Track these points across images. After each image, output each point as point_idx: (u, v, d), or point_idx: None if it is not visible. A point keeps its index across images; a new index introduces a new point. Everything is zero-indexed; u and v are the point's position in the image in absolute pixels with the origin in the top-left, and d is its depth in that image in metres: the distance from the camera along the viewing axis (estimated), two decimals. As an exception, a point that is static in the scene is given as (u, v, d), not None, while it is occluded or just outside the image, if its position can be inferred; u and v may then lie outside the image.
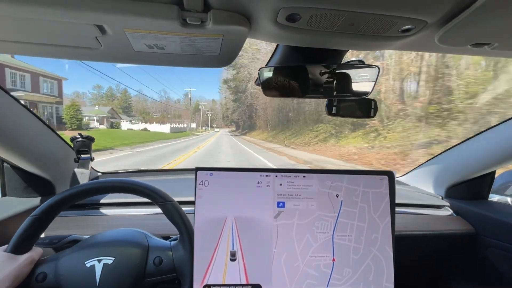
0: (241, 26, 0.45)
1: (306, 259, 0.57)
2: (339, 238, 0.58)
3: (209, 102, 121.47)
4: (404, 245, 0.84)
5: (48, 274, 0.50)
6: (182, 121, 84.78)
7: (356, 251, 0.58)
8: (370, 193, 0.60)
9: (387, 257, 0.58)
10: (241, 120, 50.94)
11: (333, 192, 0.59)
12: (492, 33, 0.46)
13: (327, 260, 0.57)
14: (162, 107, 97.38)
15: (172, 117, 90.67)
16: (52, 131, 0.82)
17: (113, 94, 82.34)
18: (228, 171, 0.58)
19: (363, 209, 0.59)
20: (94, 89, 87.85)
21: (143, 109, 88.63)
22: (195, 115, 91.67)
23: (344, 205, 0.59)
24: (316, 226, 0.58)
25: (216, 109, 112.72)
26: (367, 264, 0.57)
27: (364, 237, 0.58)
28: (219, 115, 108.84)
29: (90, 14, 0.40)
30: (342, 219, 0.58)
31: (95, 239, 0.56)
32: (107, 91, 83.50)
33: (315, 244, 0.57)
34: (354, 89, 0.68)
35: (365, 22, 0.45)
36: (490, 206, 0.95)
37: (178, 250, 0.55)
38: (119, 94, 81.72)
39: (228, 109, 58.78)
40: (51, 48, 0.54)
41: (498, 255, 0.86)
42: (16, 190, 0.81)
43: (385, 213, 0.59)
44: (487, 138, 0.88)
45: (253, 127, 41.69)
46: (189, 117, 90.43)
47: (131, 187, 0.55)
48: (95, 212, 0.87)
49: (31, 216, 0.50)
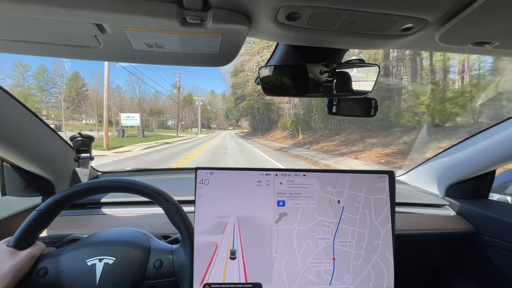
0: (241, 25, 0.45)
1: (306, 264, 0.56)
2: (340, 244, 0.58)
3: (206, 94, 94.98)
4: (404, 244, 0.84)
5: (49, 270, 0.50)
6: (166, 120, 70.10)
7: (356, 258, 0.57)
8: (371, 199, 0.59)
9: (387, 264, 0.58)
10: (259, 121, 39.89)
11: (335, 197, 0.59)
12: (493, 32, 0.46)
13: (328, 266, 0.57)
14: (139, 102, 66.58)
15: (152, 114, 65.54)
16: (52, 131, 0.82)
17: (50, 78, 46.55)
18: (228, 170, 0.58)
19: (364, 215, 0.59)
20: (14, 69, 46.62)
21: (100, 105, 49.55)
22: (184, 110, 73.50)
23: (346, 211, 0.59)
24: (317, 232, 0.58)
25: (216, 104, 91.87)
26: (368, 270, 0.57)
27: (365, 243, 0.58)
28: (219, 112, 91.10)
29: (90, 13, 0.40)
30: (343, 225, 0.58)
31: (97, 237, 0.56)
32: (37, 73, 46.07)
33: (316, 250, 0.57)
34: (354, 88, 0.68)
35: (365, 21, 0.45)
36: (490, 205, 0.95)
37: (179, 254, 0.55)
38: (63, 80, 46.94)
39: (237, 106, 43.16)
40: (50, 47, 0.53)
41: (498, 254, 0.86)
42: (16, 189, 0.81)
43: (386, 220, 0.59)
44: (487, 137, 0.88)
45: (265, 128, 34.37)
46: (176, 113, 66.99)
47: (137, 188, 0.55)
48: (95, 211, 0.87)
49: (37, 211, 0.50)
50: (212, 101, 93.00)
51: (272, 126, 32.82)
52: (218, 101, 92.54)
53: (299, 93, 0.68)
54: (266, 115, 33.79)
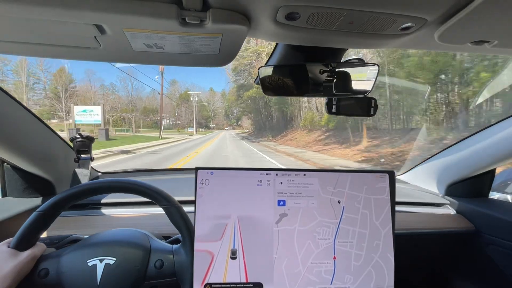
0: (240, 25, 0.45)
1: (307, 265, 0.56)
2: (341, 244, 0.58)
3: (204, 92, 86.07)
4: (405, 243, 0.84)
5: (50, 271, 0.51)
6: (155, 119, 61.27)
7: (357, 258, 0.58)
8: (372, 200, 0.59)
9: (388, 264, 0.58)
10: (266, 118, 31.63)
11: (335, 198, 0.59)
12: (492, 31, 0.46)
13: (329, 266, 0.57)
14: (130, 99, 60.72)
15: (142, 111, 63.05)
16: (52, 131, 0.82)
17: (31, 72, 40.67)
18: (228, 170, 0.58)
19: (365, 216, 0.59)
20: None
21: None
22: (180, 108, 70.81)
23: (346, 211, 0.59)
24: (317, 232, 0.58)
25: (215, 102, 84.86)
26: (369, 271, 0.57)
27: (365, 243, 0.58)
28: (219, 111, 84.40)
29: (89, 14, 0.40)
30: (344, 225, 0.58)
31: (98, 238, 0.56)
32: (17, 66, 39.36)
33: (317, 250, 0.57)
34: (354, 88, 0.68)
35: (364, 20, 0.45)
36: (490, 204, 0.95)
37: (179, 254, 0.55)
38: (47, 75, 41.33)
39: (241, 98, 34.38)
40: (50, 48, 0.54)
41: (498, 253, 0.86)
42: (16, 190, 0.81)
43: (387, 220, 0.59)
44: (488, 136, 0.88)
45: (276, 128, 25.39)
46: (170, 112, 64.73)
47: (137, 188, 0.55)
48: (95, 212, 0.87)
49: (37, 212, 0.50)
50: (211, 99, 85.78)
51: (287, 124, 23.87)
52: (218, 99, 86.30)
53: (298, 93, 0.68)
54: (279, 110, 25.50)
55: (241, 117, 68.50)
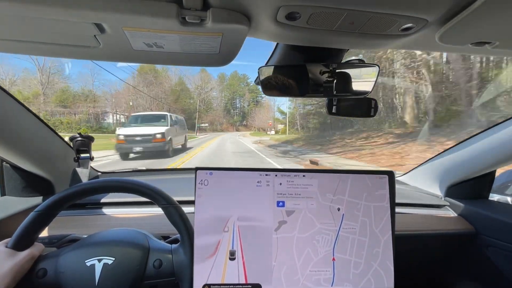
0: (240, 24, 0.45)
1: (306, 273, 0.56)
2: (340, 252, 0.57)
3: (193, 75, 56.83)
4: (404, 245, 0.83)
5: (48, 271, 0.50)
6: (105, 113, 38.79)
7: (357, 266, 0.57)
8: (371, 207, 0.59)
9: (388, 272, 0.58)
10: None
11: (335, 205, 0.59)
12: (493, 32, 0.46)
13: (327, 274, 0.57)
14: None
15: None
16: (52, 131, 0.82)
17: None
18: (228, 170, 0.58)
19: (364, 223, 0.58)
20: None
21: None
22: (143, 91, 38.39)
23: (346, 218, 0.58)
24: (316, 240, 0.57)
25: (209, 91, 57.79)
26: (368, 279, 0.57)
27: (365, 251, 0.58)
28: (213, 101, 58.48)
29: (89, 13, 0.40)
30: (343, 233, 0.58)
31: (96, 237, 0.56)
32: None
33: (316, 258, 0.57)
34: (354, 88, 0.68)
35: (365, 20, 0.45)
36: (490, 206, 0.95)
37: (178, 253, 0.55)
38: None
39: None
40: (49, 47, 0.53)
41: (498, 255, 0.86)
42: (15, 189, 0.81)
43: (387, 228, 0.59)
44: (488, 138, 0.88)
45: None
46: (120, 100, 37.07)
47: (136, 188, 0.55)
48: (94, 211, 0.87)
49: (35, 212, 0.50)
50: (204, 85, 57.95)
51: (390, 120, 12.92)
52: (213, 86, 60.69)
53: (299, 93, 0.67)
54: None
55: (248, 113, 43.63)
